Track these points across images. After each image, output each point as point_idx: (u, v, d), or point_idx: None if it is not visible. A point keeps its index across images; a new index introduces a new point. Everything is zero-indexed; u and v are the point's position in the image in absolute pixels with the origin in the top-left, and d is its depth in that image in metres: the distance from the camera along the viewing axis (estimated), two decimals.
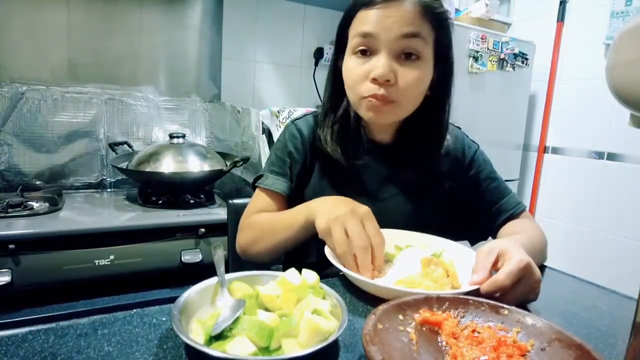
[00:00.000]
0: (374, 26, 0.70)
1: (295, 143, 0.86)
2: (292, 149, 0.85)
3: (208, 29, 1.85)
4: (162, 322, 0.52)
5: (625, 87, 0.41)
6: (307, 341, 0.44)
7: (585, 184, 2.07)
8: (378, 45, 0.71)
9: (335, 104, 0.83)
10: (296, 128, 0.87)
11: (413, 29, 0.70)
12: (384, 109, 0.74)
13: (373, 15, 0.70)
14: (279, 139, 0.90)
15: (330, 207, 0.67)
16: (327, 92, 0.85)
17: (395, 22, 0.70)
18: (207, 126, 1.89)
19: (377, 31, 0.70)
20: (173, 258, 1.27)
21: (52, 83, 1.58)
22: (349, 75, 0.76)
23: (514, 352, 0.45)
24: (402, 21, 0.70)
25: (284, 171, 0.85)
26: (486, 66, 1.93)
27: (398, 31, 0.70)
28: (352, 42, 0.74)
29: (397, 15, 0.70)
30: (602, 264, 2.00)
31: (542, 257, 0.79)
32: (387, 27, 0.70)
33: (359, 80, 0.73)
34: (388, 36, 0.70)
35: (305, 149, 0.86)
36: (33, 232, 1.12)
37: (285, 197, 0.85)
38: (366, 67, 0.72)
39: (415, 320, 0.49)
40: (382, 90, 0.71)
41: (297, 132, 0.87)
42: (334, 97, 0.83)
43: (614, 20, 1.91)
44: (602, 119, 1.98)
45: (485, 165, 0.91)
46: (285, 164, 0.85)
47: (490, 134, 2.05)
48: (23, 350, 0.44)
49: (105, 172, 1.69)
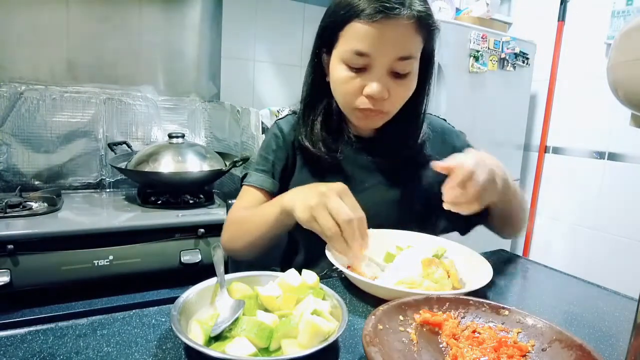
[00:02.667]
0: (369, 47, 0.69)
1: (278, 142, 0.88)
2: (275, 147, 0.88)
3: (207, 28, 1.85)
4: (162, 323, 0.51)
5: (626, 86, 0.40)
6: (307, 342, 0.44)
7: (586, 184, 2.07)
8: (372, 63, 0.71)
9: (316, 97, 0.84)
10: (278, 128, 0.90)
11: (408, 52, 0.71)
12: (376, 117, 0.78)
13: (370, 33, 0.69)
14: (264, 140, 0.92)
15: (305, 194, 0.66)
16: (307, 85, 0.85)
17: (391, 45, 0.69)
18: (206, 126, 1.89)
19: (372, 52, 0.70)
20: (172, 258, 1.27)
21: (51, 83, 1.58)
22: (340, 86, 0.76)
23: (514, 353, 0.45)
24: (399, 43, 0.70)
25: (268, 169, 0.87)
26: (487, 66, 1.93)
27: (393, 54, 0.70)
28: (344, 53, 0.73)
29: (394, 36, 0.69)
30: (603, 264, 1.99)
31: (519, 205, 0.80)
32: (383, 49, 0.70)
33: (353, 93, 0.74)
34: (384, 58, 0.70)
35: (287, 147, 0.88)
36: (32, 232, 1.12)
37: (270, 194, 0.85)
38: (359, 82, 0.73)
39: (415, 321, 0.48)
40: (376, 106, 0.74)
41: (278, 132, 0.89)
42: (314, 92, 0.84)
43: (614, 19, 1.91)
44: (603, 119, 1.98)
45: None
46: (269, 162, 0.87)
47: (491, 134, 2.04)
48: (22, 351, 0.44)
49: (104, 172, 1.68)
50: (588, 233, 2.07)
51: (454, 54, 1.82)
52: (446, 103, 1.80)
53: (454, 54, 1.82)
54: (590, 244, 2.06)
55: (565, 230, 2.17)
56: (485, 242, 0.91)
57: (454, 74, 1.82)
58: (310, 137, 0.83)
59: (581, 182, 2.10)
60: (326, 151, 0.82)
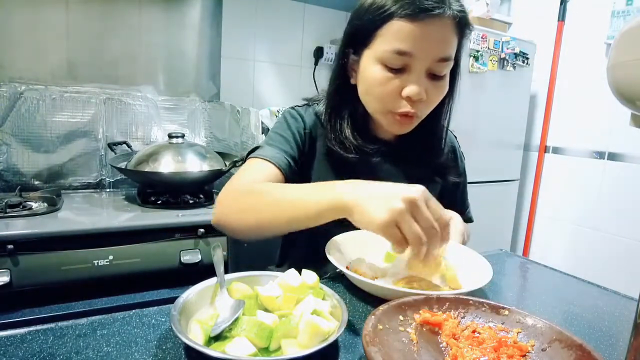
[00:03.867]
0: (412, 46, 0.67)
1: (298, 126, 0.82)
2: (295, 130, 0.82)
3: (207, 28, 1.84)
4: (161, 323, 0.51)
5: (626, 86, 0.40)
6: (306, 342, 0.44)
7: (586, 184, 2.07)
8: (413, 63, 0.69)
9: (342, 98, 0.80)
10: (297, 113, 0.84)
11: (448, 53, 0.70)
12: (410, 122, 0.75)
13: (412, 32, 0.67)
14: (279, 121, 0.85)
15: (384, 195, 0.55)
16: (333, 86, 0.81)
17: (435, 45, 0.68)
18: (206, 126, 1.89)
19: (415, 51, 0.68)
20: (172, 258, 1.27)
21: (51, 82, 1.58)
22: (376, 88, 0.73)
23: (514, 353, 0.45)
24: (442, 44, 0.69)
25: (285, 148, 0.79)
26: (487, 66, 1.93)
27: (436, 55, 0.69)
28: (383, 53, 0.70)
29: (437, 36, 0.68)
30: (603, 264, 1.99)
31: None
32: (426, 49, 0.68)
33: (391, 95, 0.72)
34: (426, 58, 0.69)
35: (305, 135, 0.83)
36: (32, 232, 1.12)
37: (283, 177, 0.76)
38: (398, 82, 0.70)
39: (415, 321, 0.48)
40: (414, 109, 0.72)
41: (298, 116, 0.84)
42: (340, 92, 0.80)
43: (614, 19, 1.91)
44: (603, 119, 1.98)
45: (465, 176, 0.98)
46: (288, 142, 0.80)
47: (491, 134, 2.04)
48: (22, 351, 0.44)
49: (104, 172, 1.68)
50: (588, 233, 2.07)
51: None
52: None
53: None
54: (590, 244, 2.06)
55: (565, 230, 2.17)
56: (486, 242, 0.91)
57: None
58: (342, 141, 0.79)
59: (581, 182, 2.10)
60: (360, 155, 0.79)
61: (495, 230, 2.23)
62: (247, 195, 0.71)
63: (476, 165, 1.93)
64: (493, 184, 2.13)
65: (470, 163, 1.07)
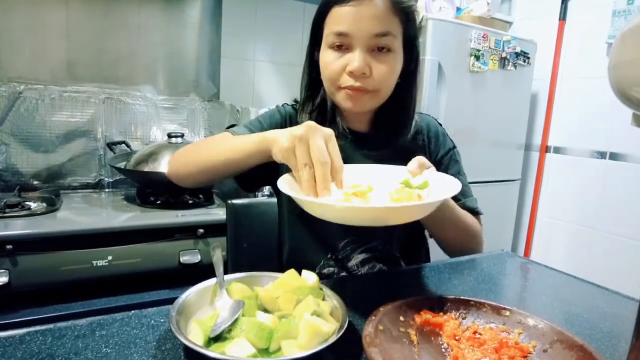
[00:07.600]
0: (348, 26, 0.75)
1: (281, 120, 0.90)
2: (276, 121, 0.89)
3: (207, 27, 1.84)
4: (161, 324, 0.51)
5: (628, 85, 0.40)
6: (306, 343, 0.44)
7: (588, 184, 2.07)
8: (352, 42, 0.76)
9: (312, 93, 0.87)
10: (285, 110, 0.92)
11: (384, 29, 0.76)
12: (362, 98, 0.79)
13: (346, 14, 0.75)
14: (264, 113, 0.93)
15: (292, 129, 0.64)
16: (304, 81, 0.89)
17: (367, 22, 0.75)
18: (205, 125, 1.88)
19: (351, 31, 0.75)
20: (171, 259, 1.27)
21: (50, 82, 1.58)
22: (326, 68, 0.80)
23: (515, 354, 0.44)
24: (374, 21, 0.75)
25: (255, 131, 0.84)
26: (487, 65, 1.93)
27: (370, 31, 0.75)
28: (327, 38, 0.79)
29: (369, 15, 0.74)
30: (604, 265, 1.99)
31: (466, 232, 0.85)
32: (360, 27, 0.75)
33: (337, 72, 0.78)
34: (361, 35, 0.75)
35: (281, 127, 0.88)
36: (31, 232, 1.12)
37: None
38: (342, 60, 0.77)
39: (416, 322, 0.48)
40: (358, 83, 0.77)
41: (285, 113, 0.91)
42: (310, 87, 0.87)
43: (615, 18, 1.91)
44: (604, 119, 1.98)
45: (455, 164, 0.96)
46: (262, 128, 0.86)
47: (492, 134, 2.04)
48: (20, 352, 0.44)
49: (103, 172, 1.68)
50: (589, 233, 2.07)
51: (455, 53, 1.82)
52: (447, 102, 1.80)
53: (455, 53, 1.82)
54: (591, 244, 2.06)
55: (566, 230, 2.17)
56: (487, 242, 0.91)
57: (454, 74, 1.81)
58: None
59: (582, 182, 2.09)
60: None
61: (497, 231, 2.23)
62: (193, 147, 0.86)
63: (477, 165, 1.92)
64: (494, 184, 2.12)
65: (471, 163, 1.06)
